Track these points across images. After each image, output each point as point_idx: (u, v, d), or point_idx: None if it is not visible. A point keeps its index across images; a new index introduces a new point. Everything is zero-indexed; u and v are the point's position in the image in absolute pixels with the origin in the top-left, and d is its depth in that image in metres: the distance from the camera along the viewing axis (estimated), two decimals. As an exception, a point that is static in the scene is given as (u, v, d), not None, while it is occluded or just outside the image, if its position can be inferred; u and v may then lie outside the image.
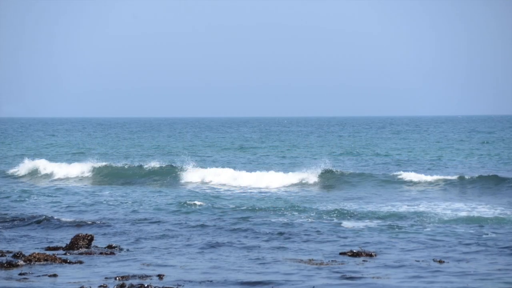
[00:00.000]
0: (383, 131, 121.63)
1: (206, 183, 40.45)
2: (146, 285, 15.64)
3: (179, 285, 15.81)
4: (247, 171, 42.30)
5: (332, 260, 18.40)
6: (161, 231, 23.20)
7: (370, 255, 18.95)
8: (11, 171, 46.59)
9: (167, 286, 15.72)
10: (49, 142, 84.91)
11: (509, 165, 47.85)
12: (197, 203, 30.29)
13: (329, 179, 39.90)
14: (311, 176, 39.99)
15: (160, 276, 16.49)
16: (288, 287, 15.75)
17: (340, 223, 24.76)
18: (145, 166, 45.14)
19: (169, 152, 66.16)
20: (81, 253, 19.36)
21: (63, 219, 25.65)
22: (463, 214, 26.82)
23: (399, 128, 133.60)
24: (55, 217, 25.81)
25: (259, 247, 20.44)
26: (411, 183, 37.87)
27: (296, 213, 27.36)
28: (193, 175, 42.02)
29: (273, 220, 25.61)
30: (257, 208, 28.79)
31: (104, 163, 46.52)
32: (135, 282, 15.97)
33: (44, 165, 46.71)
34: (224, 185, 39.42)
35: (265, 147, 73.75)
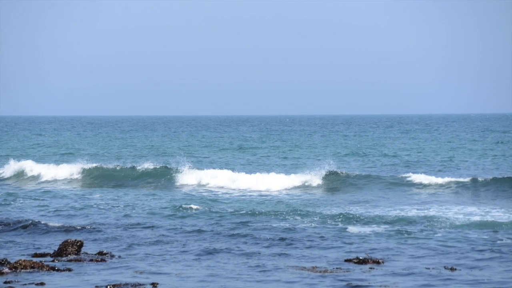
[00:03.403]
0: (391, 130, 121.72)
1: (203, 185, 40.49)
2: (139, 294, 15.67)
3: (174, 294, 15.84)
4: (247, 172, 42.33)
5: (336, 268, 18.42)
6: (155, 237, 23.22)
7: (377, 262, 18.97)
8: (-5, 172, 46.62)
9: (162, 295, 15.74)
10: (36, 142, 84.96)
11: (525, 167, 47.88)
12: (194, 207, 30.32)
13: (333, 182, 39.95)
14: (315, 178, 40.03)
15: (154, 285, 16.51)
16: (290, 296, 15.78)
17: (346, 228, 24.78)
18: (138, 168, 45.17)
19: (163, 152, 66.20)
20: (70, 260, 19.38)
21: (51, 224, 25.66)
22: (476, 218, 26.84)
23: (408, 127, 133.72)
24: (43, 222, 25.82)
25: (259, 253, 20.46)
26: (421, 185, 37.91)
27: (298, 218, 27.39)
28: (189, 177, 42.05)
29: (274, 225, 25.63)
30: (257, 212, 28.82)
31: (94, 165, 46.55)
32: (127, 291, 16.00)
33: (30, 167, 46.72)
34: (222, 187, 39.46)
35: (266, 147, 73.79)
